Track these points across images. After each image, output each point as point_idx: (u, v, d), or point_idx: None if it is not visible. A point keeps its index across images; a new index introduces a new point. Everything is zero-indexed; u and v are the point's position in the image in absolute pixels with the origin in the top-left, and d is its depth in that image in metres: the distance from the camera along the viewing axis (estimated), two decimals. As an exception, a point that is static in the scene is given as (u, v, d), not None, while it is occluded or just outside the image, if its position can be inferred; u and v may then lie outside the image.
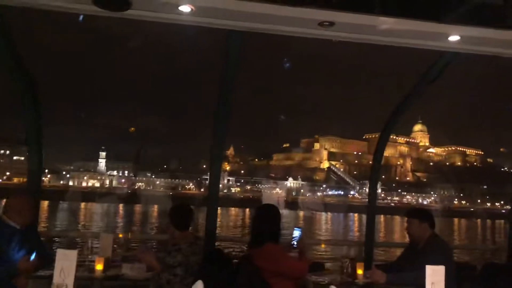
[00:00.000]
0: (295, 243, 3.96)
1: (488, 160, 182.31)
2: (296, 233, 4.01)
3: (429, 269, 2.98)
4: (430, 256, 3.94)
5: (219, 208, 5.54)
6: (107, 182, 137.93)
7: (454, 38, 3.02)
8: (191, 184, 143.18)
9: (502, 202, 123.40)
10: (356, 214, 78.89)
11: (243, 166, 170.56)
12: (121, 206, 73.50)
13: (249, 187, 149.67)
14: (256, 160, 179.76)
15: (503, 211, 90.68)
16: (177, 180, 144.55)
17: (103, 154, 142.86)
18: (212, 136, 4.90)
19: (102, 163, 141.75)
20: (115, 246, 5.13)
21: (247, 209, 67.08)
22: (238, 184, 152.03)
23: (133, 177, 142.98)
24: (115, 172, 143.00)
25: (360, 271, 4.36)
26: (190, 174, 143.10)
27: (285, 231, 4.17)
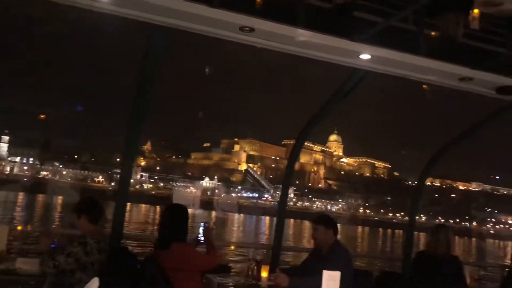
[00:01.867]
0: (202, 237, 4.00)
1: (395, 173, 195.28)
2: (202, 228, 4.05)
3: (326, 274, 3.12)
4: (332, 262, 4.12)
5: (128, 204, 5.34)
6: (8, 168, 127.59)
7: (365, 56, 3.21)
8: (101, 177, 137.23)
9: (402, 213, 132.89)
10: (267, 217, 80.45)
11: (159, 162, 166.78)
12: (22, 195, 68.45)
13: (162, 184, 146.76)
14: (174, 157, 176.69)
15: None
16: (86, 172, 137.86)
17: (5, 138, 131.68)
18: (127, 129, 4.73)
19: (3, 147, 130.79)
20: (11, 238, 4.78)
21: (158, 207, 65.70)
22: (152, 180, 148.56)
23: (39, 165, 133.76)
24: (17, 159, 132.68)
25: (264, 274, 4.44)
26: (102, 166, 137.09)
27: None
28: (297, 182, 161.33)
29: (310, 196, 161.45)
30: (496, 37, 4.21)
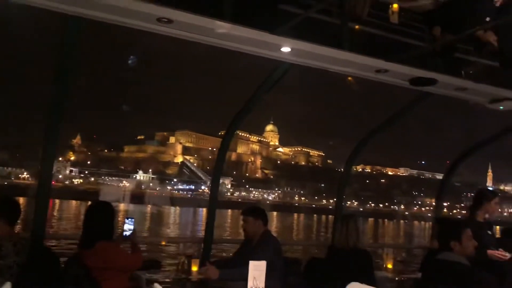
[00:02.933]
0: (127, 234, 3.92)
1: (328, 161, 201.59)
2: (128, 224, 3.96)
3: (252, 264, 3.15)
4: (263, 252, 4.19)
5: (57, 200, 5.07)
6: None
7: (285, 49, 3.26)
8: (26, 173, 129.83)
9: (335, 199, 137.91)
10: (205, 209, 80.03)
11: (90, 156, 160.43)
12: None
13: (93, 179, 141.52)
14: (106, 151, 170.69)
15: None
16: (9, 168, 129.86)
17: None
18: (45, 123, 4.49)
19: None
20: None
21: (89, 202, 63.35)
22: (82, 175, 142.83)
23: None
24: None
25: (195, 268, 4.43)
26: (28, 162, 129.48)
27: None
28: (234, 172, 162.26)
29: (247, 186, 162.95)
30: (414, 30, 4.45)
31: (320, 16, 3.60)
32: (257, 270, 3.20)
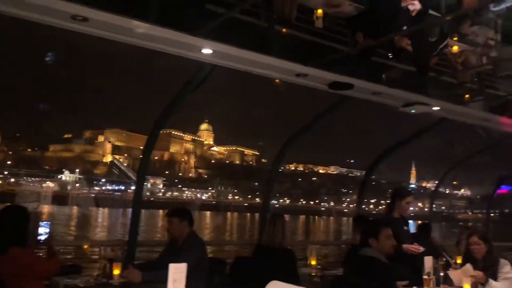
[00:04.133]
0: (42, 238, 3.77)
1: (263, 160, 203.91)
2: (43, 227, 3.81)
3: (172, 266, 3.13)
4: (188, 253, 4.19)
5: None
6: None
7: (207, 51, 3.28)
8: None
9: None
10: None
11: (11, 156, 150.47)
12: None
13: (13, 180, 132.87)
14: (29, 150, 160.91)
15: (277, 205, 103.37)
16: None
17: None
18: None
19: None
20: None
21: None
22: (1, 176, 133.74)
23: None
24: None
25: (116, 271, 4.32)
26: None
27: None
28: (167, 172, 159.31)
29: (180, 186, 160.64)
30: (337, 35, 4.65)
31: (247, 18, 3.66)
32: (177, 273, 3.18)
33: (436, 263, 5.03)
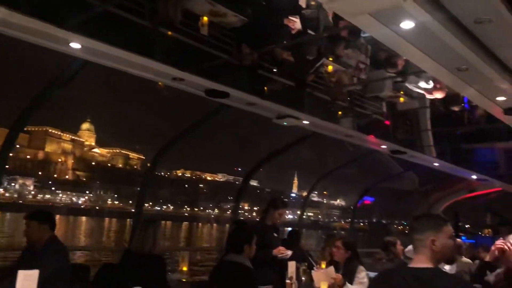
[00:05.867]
0: None
1: (148, 164, 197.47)
2: None
3: (21, 274, 2.88)
4: (47, 259, 3.88)
5: None
6: None
7: (75, 45, 3.08)
8: None
9: (151, 203, 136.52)
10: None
11: None
12: None
13: None
14: None
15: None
16: None
17: None
18: None
19: None
20: None
21: None
22: None
23: None
24: None
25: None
26: None
27: None
28: (40, 173, 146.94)
29: (53, 188, 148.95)
30: (221, 44, 4.69)
31: (129, 16, 3.52)
32: (27, 280, 2.93)
33: (301, 268, 5.32)
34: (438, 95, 6.61)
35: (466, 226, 22.17)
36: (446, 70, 3.48)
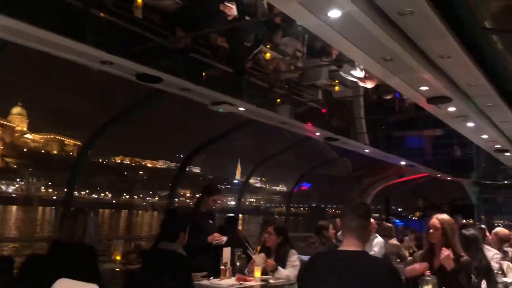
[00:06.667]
0: None
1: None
2: None
3: None
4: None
5: None
6: None
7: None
8: None
9: (88, 190, 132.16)
10: None
11: None
12: None
13: None
14: None
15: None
16: None
17: None
18: None
19: None
20: None
21: None
22: None
23: None
24: None
25: None
26: None
27: None
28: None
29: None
30: (156, 27, 4.56)
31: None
32: None
33: (236, 253, 5.38)
34: (369, 84, 6.85)
35: (400, 209, 23.42)
36: (372, 60, 3.60)
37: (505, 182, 11.68)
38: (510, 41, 4.35)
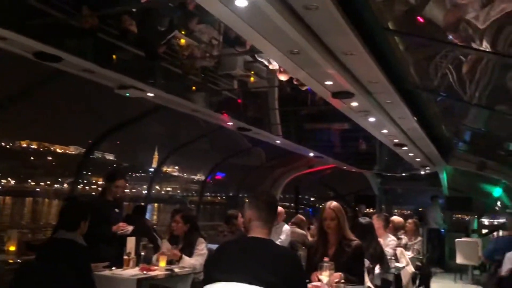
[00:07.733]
0: None
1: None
2: None
3: None
4: None
5: None
6: None
7: None
8: None
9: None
10: None
11: None
12: None
13: None
14: None
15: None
16: None
17: None
18: None
19: None
20: None
21: None
22: None
23: None
24: None
25: None
26: None
27: None
28: None
29: None
30: (58, 2, 4.24)
31: None
32: None
33: (141, 243, 5.27)
34: (282, 77, 6.98)
35: (312, 199, 24.51)
36: (280, 52, 3.67)
37: (403, 174, 12.56)
38: (411, 43, 4.65)
